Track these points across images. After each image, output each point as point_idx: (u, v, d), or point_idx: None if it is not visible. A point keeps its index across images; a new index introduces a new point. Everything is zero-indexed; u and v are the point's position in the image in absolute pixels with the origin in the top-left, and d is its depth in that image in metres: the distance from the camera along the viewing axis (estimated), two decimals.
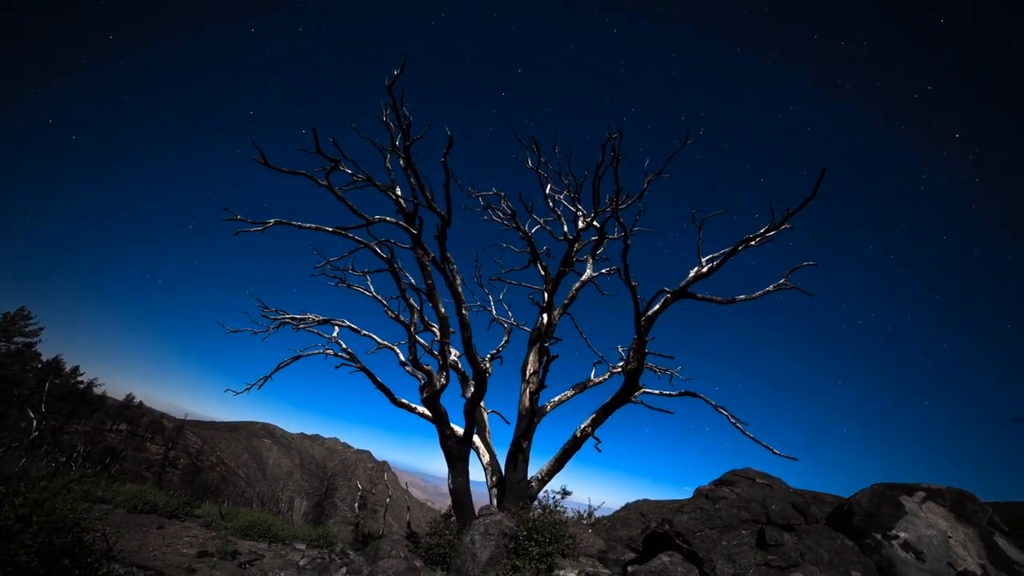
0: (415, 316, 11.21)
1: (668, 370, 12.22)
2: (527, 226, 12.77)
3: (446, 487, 11.20)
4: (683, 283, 8.72)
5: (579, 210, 11.57)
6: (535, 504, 10.37)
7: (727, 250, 8.46)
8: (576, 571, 7.59)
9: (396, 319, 11.85)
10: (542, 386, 10.71)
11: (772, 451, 8.90)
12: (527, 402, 11.43)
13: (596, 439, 10.52)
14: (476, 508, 10.61)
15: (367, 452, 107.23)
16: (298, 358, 12.68)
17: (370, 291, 12.66)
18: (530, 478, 10.95)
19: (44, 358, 40.38)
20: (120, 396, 57.83)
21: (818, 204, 7.70)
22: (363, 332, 12.84)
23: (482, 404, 13.32)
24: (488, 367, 11.82)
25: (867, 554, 7.48)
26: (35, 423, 11.86)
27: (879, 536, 7.62)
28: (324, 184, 7.52)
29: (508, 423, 12.66)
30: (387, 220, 8.42)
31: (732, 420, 9.32)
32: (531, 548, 7.74)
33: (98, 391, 50.20)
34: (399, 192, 8.69)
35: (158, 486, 20.96)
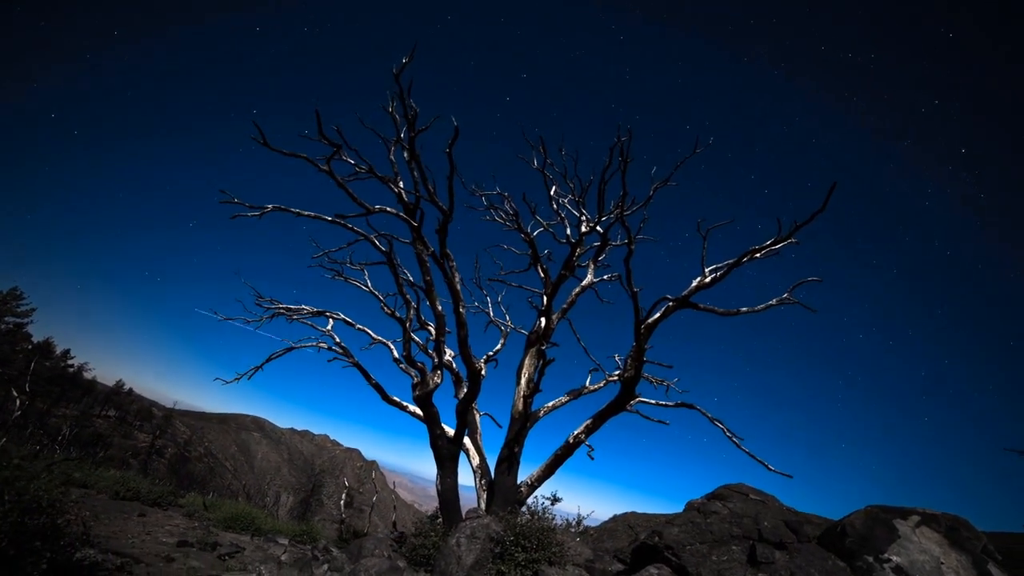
0: (411, 312, 11.08)
1: (664, 381, 12.09)
2: (529, 228, 12.68)
3: (434, 489, 11.04)
4: (685, 292, 8.62)
5: (583, 214, 11.48)
6: (524, 510, 10.22)
7: (731, 261, 8.37)
8: None
9: (392, 315, 11.72)
10: (537, 390, 10.58)
11: (767, 467, 8.77)
12: (520, 406, 11.28)
13: (589, 446, 10.39)
14: (464, 511, 10.46)
15: (356, 450, 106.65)
16: (291, 350, 12.53)
17: (367, 286, 12.53)
18: (520, 483, 10.80)
19: (35, 340, 40.05)
20: (110, 382, 57.41)
21: (821, 217, 7.61)
22: (358, 326, 12.69)
23: (474, 406, 13.17)
24: (483, 368, 11.69)
25: None
26: (19, 403, 11.67)
27: (871, 559, 7.49)
28: (325, 169, 7.39)
29: (500, 426, 12.52)
30: (387, 211, 8.30)
31: (728, 434, 9.19)
32: (517, 554, 7.59)
33: (88, 376, 49.78)
34: (401, 184, 8.58)
35: (143, 474, 20.73)
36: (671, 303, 8.70)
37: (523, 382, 11.63)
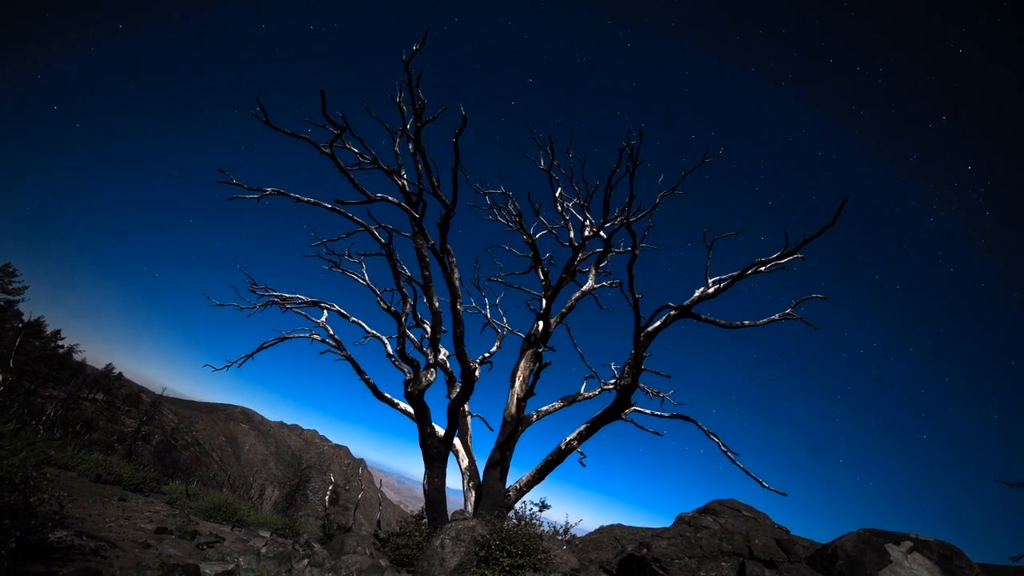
0: (407, 307, 10.94)
1: (660, 392, 11.95)
2: (532, 229, 12.58)
3: (421, 490, 10.87)
4: (688, 301, 8.50)
5: (587, 218, 11.38)
6: (511, 514, 10.06)
7: (735, 273, 8.28)
8: None
9: (388, 310, 11.58)
10: (531, 393, 10.43)
11: (762, 484, 8.63)
12: (513, 409, 11.13)
13: (581, 453, 10.23)
14: (450, 513, 10.29)
15: (344, 448, 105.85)
16: (283, 340, 12.37)
17: (364, 279, 12.38)
18: (508, 487, 10.63)
19: (26, 318, 39.68)
20: (100, 365, 56.88)
21: (828, 230, 7.50)
22: (352, 319, 12.54)
23: (466, 407, 13.01)
24: (477, 369, 11.54)
25: None
26: (2, 379, 11.47)
27: None
28: (327, 152, 7.26)
29: (491, 429, 12.37)
30: (389, 199, 8.16)
31: (723, 448, 9.07)
32: (502, 559, 7.43)
33: (78, 358, 49.31)
34: (404, 176, 8.46)
35: (128, 460, 20.45)
36: (673, 312, 8.58)
37: (517, 384, 11.48)
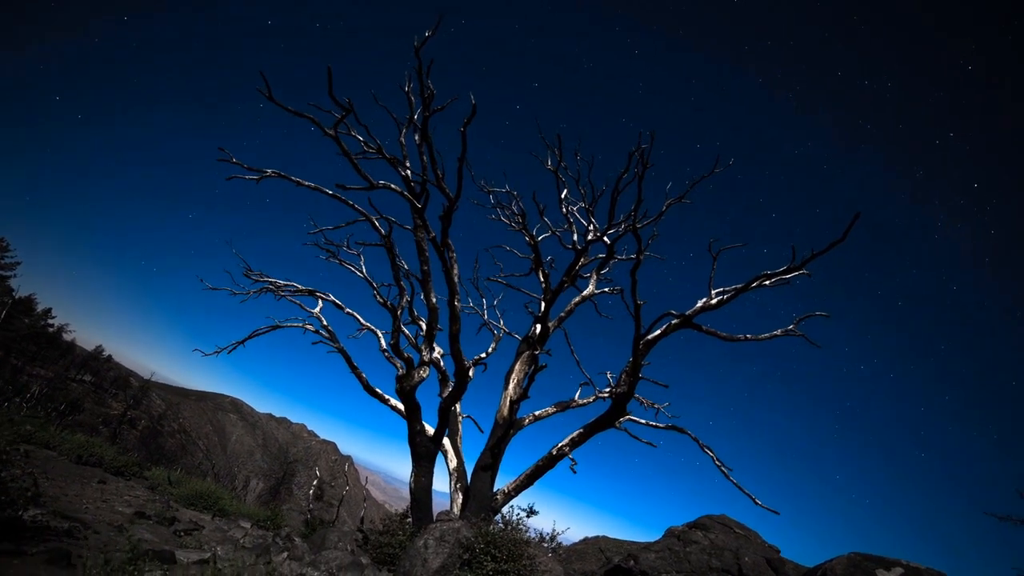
0: (404, 301, 10.79)
1: (655, 404, 11.80)
2: (535, 231, 12.46)
3: (407, 490, 10.68)
4: (689, 311, 8.38)
5: (592, 223, 11.27)
6: (498, 518, 9.89)
7: (739, 286, 8.17)
8: None
9: (384, 304, 11.42)
10: (524, 396, 10.27)
11: (755, 501, 8.48)
12: (506, 411, 10.96)
13: (572, 460, 10.07)
14: (435, 513, 10.10)
15: (332, 443, 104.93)
16: (276, 328, 12.19)
17: (362, 272, 12.22)
18: (496, 491, 10.46)
19: (17, 295, 39.25)
20: (90, 346, 56.34)
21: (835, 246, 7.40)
22: (347, 310, 12.37)
23: (457, 407, 12.84)
24: (471, 368, 11.39)
25: None
26: None
27: None
28: (330, 133, 7.12)
29: (482, 431, 12.20)
30: (392, 187, 8.01)
31: (717, 463, 8.91)
32: (486, 563, 7.25)
33: (68, 337, 48.80)
34: (409, 166, 8.32)
35: (112, 443, 20.16)
36: (675, 321, 8.46)
37: (511, 387, 11.32)
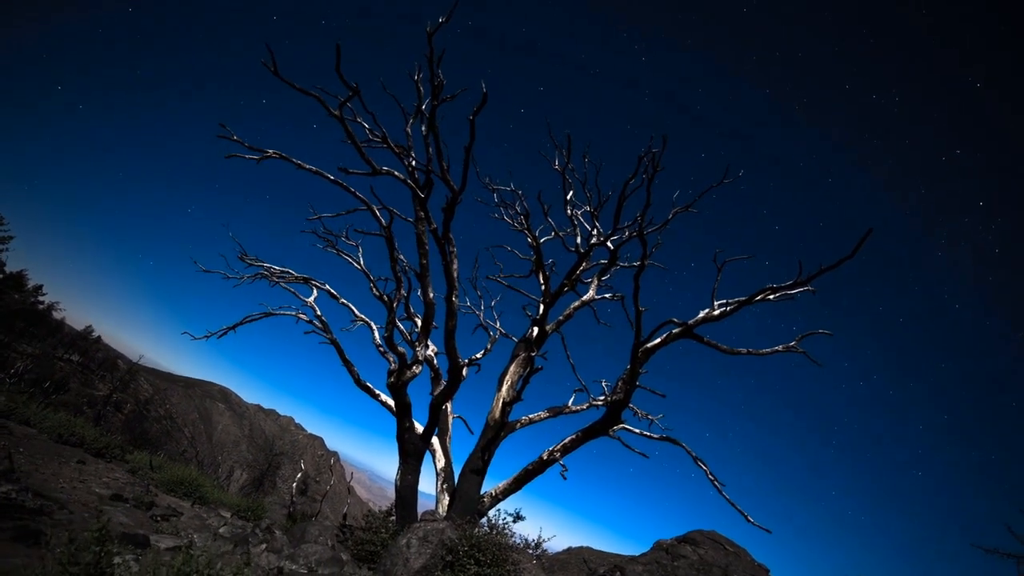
0: (400, 294, 10.62)
1: (649, 415, 11.66)
2: (537, 232, 12.33)
3: (392, 490, 10.48)
4: (691, 321, 8.24)
5: (596, 227, 11.16)
6: (484, 521, 9.70)
7: (743, 298, 8.04)
8: None
9: (380, 298, 11.26)
10: (518, 399, 10.10)
11: (746, 518, 8.32)
12: (497, 413, 10.77)
13: (563, 466, 9.89)
14: (420, 513, 9.90)
15: (320, 438, 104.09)
16: (268, 315, 12.00)
17: (359, 263, 12.06)
18: (483, 493, 10.26)
19: (8, 270, 38.76)
20: (79, 326, 55.75)
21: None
22: (342, 300, 12.19)
23: (448, 406, 12.66)
24: (465, 368, 11.21)
25: None
26: None
27: None
28: (335, 114, 6.96)
29: (472, 432, 12.02)
30: (395, 175, 7.85)
31: (710, 477, 8.76)
32: (469, 566, 7.07)
33: (57, 316, 48.26)
34: (413, 157, 8.17)
35: (95, 425, 19.84)
36: (676, 330, 8.31)
37: (504, 388, 11.14)
